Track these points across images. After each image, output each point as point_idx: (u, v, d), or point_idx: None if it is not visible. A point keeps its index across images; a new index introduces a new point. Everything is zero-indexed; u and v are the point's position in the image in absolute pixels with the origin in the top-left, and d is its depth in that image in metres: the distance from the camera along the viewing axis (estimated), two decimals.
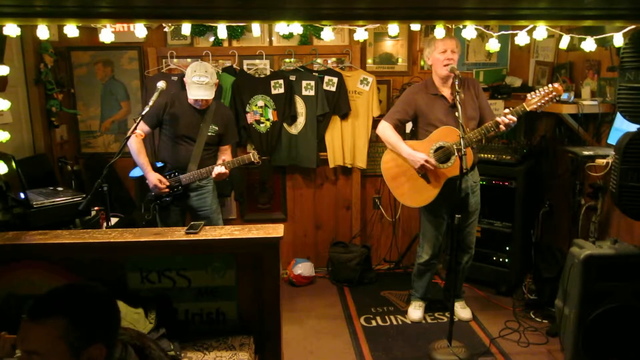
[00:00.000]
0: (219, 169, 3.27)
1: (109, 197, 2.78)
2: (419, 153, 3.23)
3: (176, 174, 3.35)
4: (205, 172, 3.33)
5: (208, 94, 3.26)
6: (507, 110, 3.07)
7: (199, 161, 3.36)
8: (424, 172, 3.27)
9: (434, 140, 3.25)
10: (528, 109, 3.02)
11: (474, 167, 3.38)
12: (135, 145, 3.30)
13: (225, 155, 3.50)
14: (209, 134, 3.38)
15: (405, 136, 3.58)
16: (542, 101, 2.99)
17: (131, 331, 1.59)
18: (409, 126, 3.69)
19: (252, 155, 3.26)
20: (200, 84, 3.21)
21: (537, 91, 3.03)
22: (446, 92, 3.30)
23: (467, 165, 2.91)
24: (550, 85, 3.00)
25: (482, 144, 3.88)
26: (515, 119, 3.04)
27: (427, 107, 3.30)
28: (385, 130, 3.37)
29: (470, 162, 3.13)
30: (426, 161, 3.19)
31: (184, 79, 3.32)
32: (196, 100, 3.30)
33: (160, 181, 3.29)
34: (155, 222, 3.46)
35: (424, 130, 3.32)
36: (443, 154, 3.22)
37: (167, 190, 3.31)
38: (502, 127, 3.05)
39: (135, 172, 3.44)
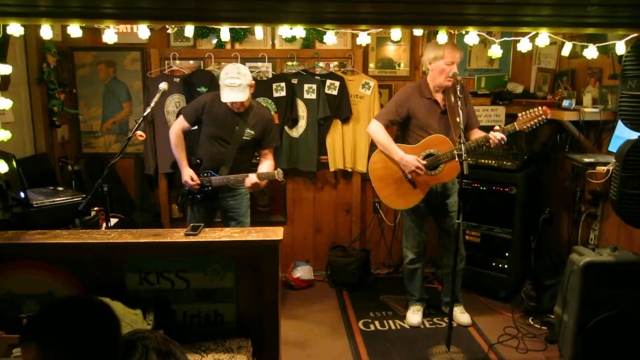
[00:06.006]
0: (252, 180, 3.21)
1: (109, 198, 2.78)
2: (411, 158, 3.25)
3: (210, 173, 3.33)
4: (234, 180, 3.29)
5: (240, 96, 3.15)
6: (497, 128, 3.10)
7: (232, 164, 3.32)
8: (412, 176, 3.29)
9: (425, 147, 3.28)
10: (518, 129, 3.07)
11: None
12: (174, 139, 3.35)
13: (268, 159, 3.45)
14: (244, 137, 3.31)
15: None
16: (532, 123, 3.04)
17: (158, 336, 1.52)
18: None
19: (277, 173, 3.20)
20: (232, 86, 3.13)
21: (528, 112, 3.06)
22: (439, 97, 3.32)
23: (466, 171, 2.92)
24: (540, 108, 3.04)
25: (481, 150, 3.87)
26: (505, 137, 3.08)
27: (420, 111, 3.31)
28: (378, 130, 3.36)
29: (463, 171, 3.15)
30: (417, 167, 3.22)
31: (219, 81, 3.23)
32: (232, 103, 3.22)
33: (192, 178, 3.29)
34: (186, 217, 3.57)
35: (415, 134, 3.34)
36: (432, 161, 3.25)
37: (197, 187, 3.31)
38: (491, 143, 3.10)
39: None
